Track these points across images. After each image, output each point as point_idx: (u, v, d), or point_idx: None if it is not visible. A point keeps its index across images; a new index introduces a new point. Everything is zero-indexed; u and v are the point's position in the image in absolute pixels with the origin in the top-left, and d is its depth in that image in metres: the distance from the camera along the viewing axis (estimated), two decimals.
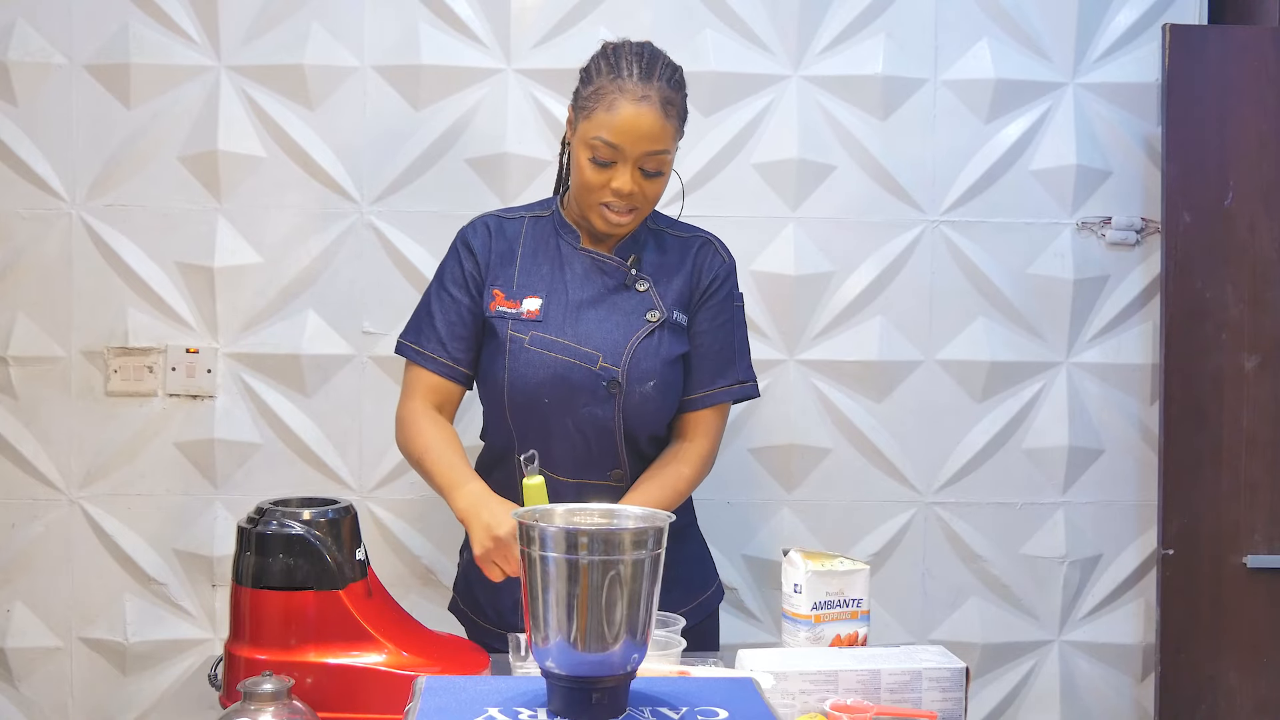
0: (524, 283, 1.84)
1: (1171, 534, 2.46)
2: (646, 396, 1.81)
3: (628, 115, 1.72)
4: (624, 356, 1.79)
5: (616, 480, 1.85)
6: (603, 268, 1.85)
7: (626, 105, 1.72)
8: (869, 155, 2.51)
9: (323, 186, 2.46)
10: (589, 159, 1.75)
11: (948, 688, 1.45)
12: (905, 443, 2.55)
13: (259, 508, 1.46)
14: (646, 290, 1.84)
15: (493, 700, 1.22)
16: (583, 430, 1.81)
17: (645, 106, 1.73)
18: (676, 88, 1.78)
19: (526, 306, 1.82)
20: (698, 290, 1.88)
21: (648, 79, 1.74)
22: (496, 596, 1.86)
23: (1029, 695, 2.60)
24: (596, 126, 1.74)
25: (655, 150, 1.74)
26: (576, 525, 1.26)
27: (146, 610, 2.48)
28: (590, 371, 1.79)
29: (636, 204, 1.78)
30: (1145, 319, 2.57)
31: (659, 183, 1.79)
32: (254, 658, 1.39)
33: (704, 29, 2.49)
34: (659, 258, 1.88)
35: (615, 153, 1.74)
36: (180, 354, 2.45)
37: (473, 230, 1.90)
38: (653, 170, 1.76)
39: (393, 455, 2.48)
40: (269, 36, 2.44)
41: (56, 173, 2.44)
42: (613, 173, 1.75)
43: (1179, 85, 2.46)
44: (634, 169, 1.75)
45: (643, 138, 1.73)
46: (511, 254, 1.87)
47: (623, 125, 1.72)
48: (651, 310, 1.83)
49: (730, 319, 1.91)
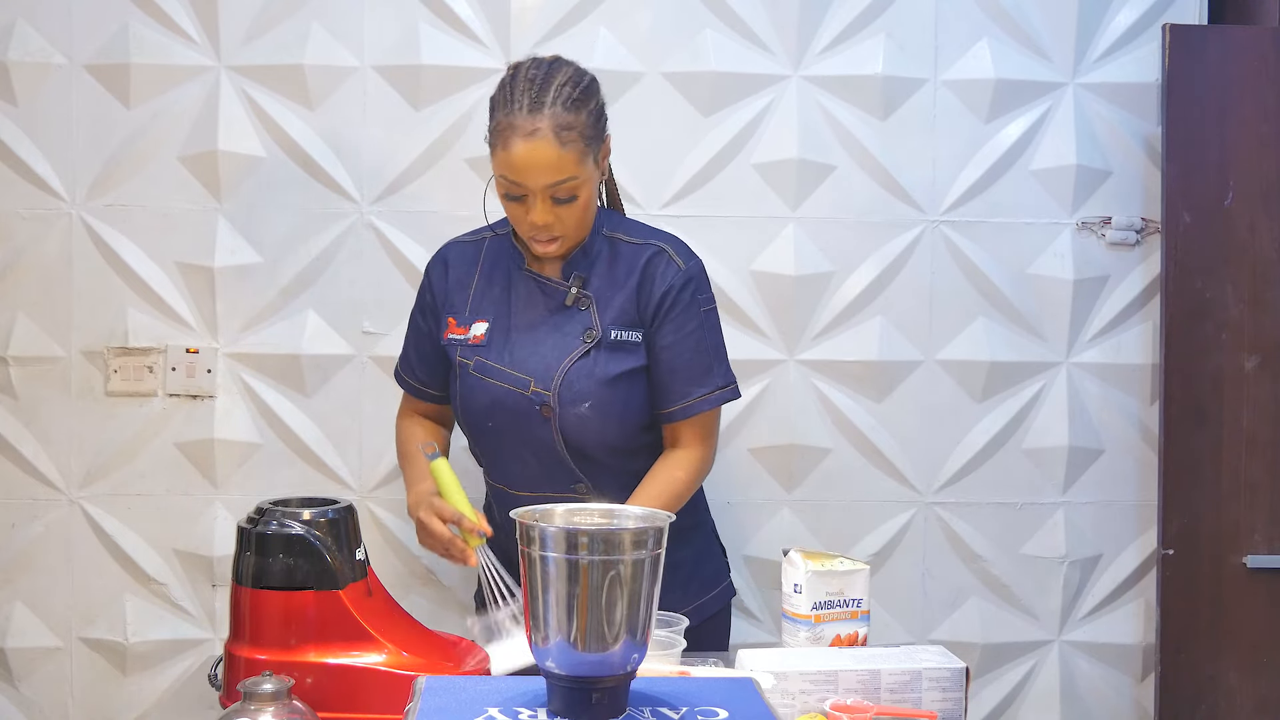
0: (476, 306, 1.89)
1: (1171, 534, 2.46)
2: (583, 418, 1.81)
3: (521, 153, 1.70)
4: (555, 380, 1.81)
5: (582, 493, 1.86)
6: (544, 289, 1.86)
7: (518, 142, 1.70)
8: (869, 155, 2.51)
9: (323, 186, 2.46)
10: (503, 195, 1.77)
11: (948, 688, 1.45)
12: (905, 443, 2.55)
13: (259, 508, 1.46)
14: (587, 309, 1.83)
15: (493, 700, 1.22)
16: (531, 451, 1.86)
17: (537, 139, 1.69)
18: (575, 108, 1.73)
19: (474, 331, 1.87)
20: (650, 303, 1.84)
21: (537, 109, 1.70)
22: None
23: (1029, 695, 2.60)
24: (500, 165, 1.74)
25: (558, 180, 1.71)
26: (576, 525, 1.26)
27: (146, 610, 2.48)
28: (523, 396, 1.82)
29: (557, 233, 1.77)
30: (1145, 319, 2.57)
31: (575, 208, 1.76)
32: (254, 658, 1.39)
33: (704, 29, 2.49)
34: (609, 270, 1.86)
35: (520, 188, 1.73)
36: (180, 354, 2.45)
37: (434, 263, 1.98)
38: (564, 197, 1.74)
39: (393, 455, 2.47)
40: (269, 36, 2.44)
41: (56, 173, 2.44)
42: (526, 205, 1.74)
43: (1179, 85, 2.46)
44: (544, 200, 1.73)
45: (541, 171, 1.70)
46: (468, 279, 1.91)
47: (518, 163, 1.70)
48: (589, 330, 1.82)
49: (699, 326, 1.87)
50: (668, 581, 1.81)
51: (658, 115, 2.48)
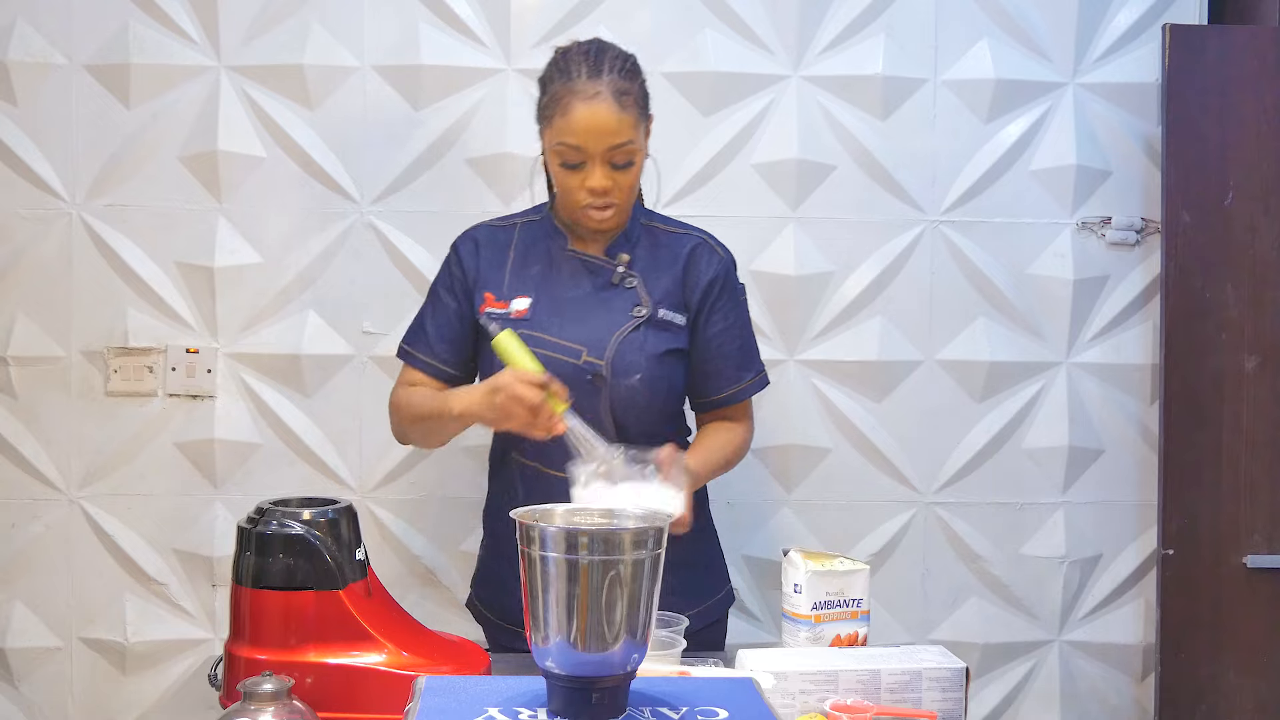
0: (514, 285, 1.88)
1: (1171, 534, 2.46)
2: (633, 389, 1.83)
3: (583, 115, 1.75)
4: (608, 350, 1.82)
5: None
6: (590, 268, 1.88)
7: (580, 105, 1.75)
8: (869, 155, 2.51)
9: (323, 186, 2.46)
10: (559, 165, 1.80)
11: (948, 688, 1.45)
12: (905, 443, 2.55)
13: (259, 508, 1.46)
14: (634, 287, 1.87)
15: (493, 700, 1.22)
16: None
17: (598, 103, 1.75)
18: (629, 76, 1.80)
19: (515, 306, 1.86)
20: (697, 290, 1.90)
21: (596, 75, 1.77)
22: (514, 597, 1.85)
23: (1029, 695, 2.60)
24: (558, 132, 1.77)
25: (618, 143, 1.77)
26: (576, 525, 1.26)
27: (146, 610, 2.48)
28: (575, 365, 1.81)
29: (614, 199, 1.81)
30: (1145, 319, 2.58)
31: (631, 173, 1.82)
32: (254, 658, 1.39)
33: (704, 29, 2.49)
34: (651, 254, 1.91)
35: (580, 154, 1.77)
36: (180, 354, 2.45)
37: (463, 240, 1.95)
38: (622, 162, 1.79)
39: (393, 455, 2.48)
40: (269, 36, 2.44)
41: (56, 173, 2.44)
42: (584, 173, 1.78)
43: (1179, 85, 2.46)
44: (603, 165, 1.78)
45: (602, 134, 1.75)
46: (502, 259, 1.91)
47: (580, 126, 1.75)
48: (638, 306, 1.86)
49: (740, 315, 1.96)
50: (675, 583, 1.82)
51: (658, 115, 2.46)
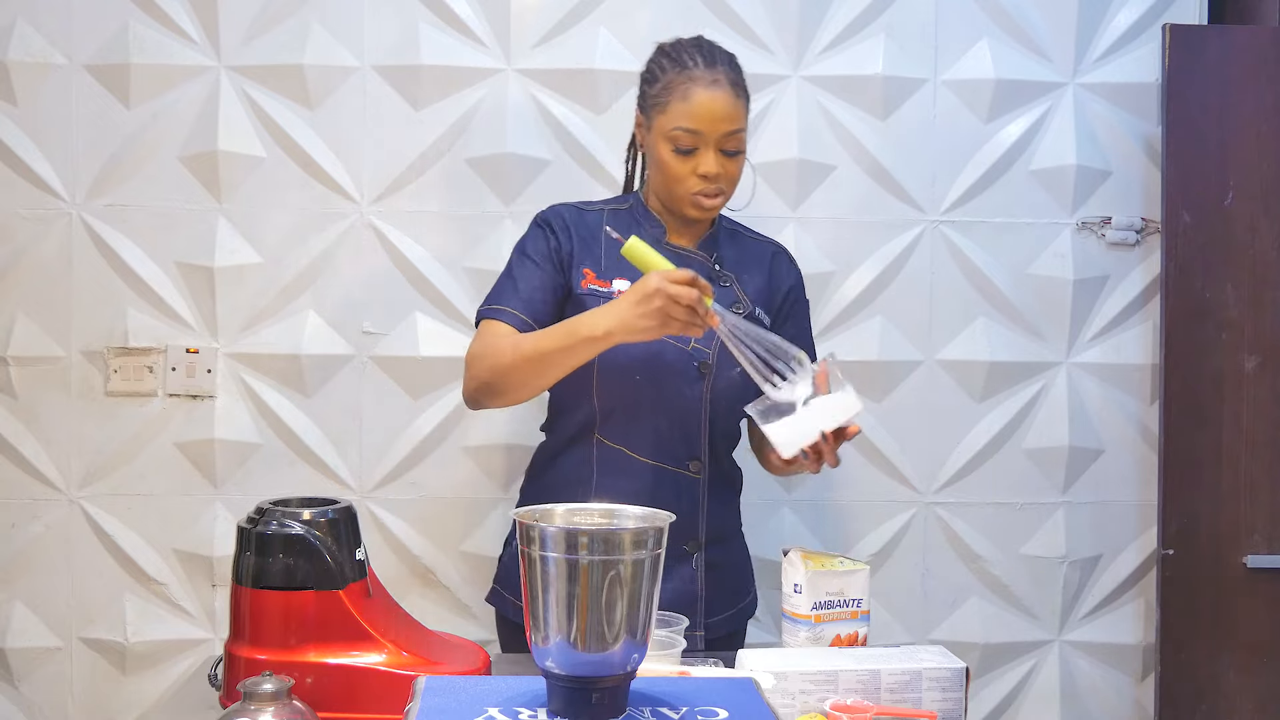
0: (611, 266, 1.87)
1: (1171, 534, 2.46)
2: (733, 382, 1.85)
3: (703, 100, 1.80)
4: (715, 339, 1.82)
5: (694, 472, 1.87)
6: (689, 262, 1.88)
7: (700, 91, 1.80)
8: (869, 155, 2.51)
9: (323, 186, 2.46)
10: (671, 151, 1.82)
11: (948, 688, 1.45)
12: (905, 443, 2.55)
13: (259, 508, 1.46)
14: (730, 285, 1.90)
15: (493, 700, 1.22)
16: (669, 412, 1.84)
17: (717, 90, 1.80)
18: (738, 70, 1.87)
19: (618, 287, 1.85)
20: (779, 295, 1.96)
21: (712, 65, 1.83)
22: None
23: (1029, 695, 2.60)
24: (675, 118, 1.81)
25: (733, 129, 1.81)
26: (576, 525, 1.26)
27: (146, 610, 2.48)
28: (683, 351, 1.83)
29: (723, 185, 1.84)
30: (1145, 319, 2.58)
31: (739, 161, 1.85)
32: (254, 658, 1.39)
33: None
34: (738, 255, 1.94)
35: (697, 138, 1.80)
36: (180, 354, 2.45)
37: (554, 213, 1.93)
38: (733, 150, 1.83)
39: (392, 455, 2.48)
40: (269, 36, 2.44)
41: (56, 173, 2.44)
42: (696, 159, 1.81)
43: (1179, 85, 2.46)
44: (716, 151, 1.81)
45: (720, 119, 1.80)
46: (595, 239, 1.90)
47: (700, 111, 1.79)
48: (736, 303, 1.88)
49: (808, 326, 2.03)
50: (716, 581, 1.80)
51: None
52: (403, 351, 2.45)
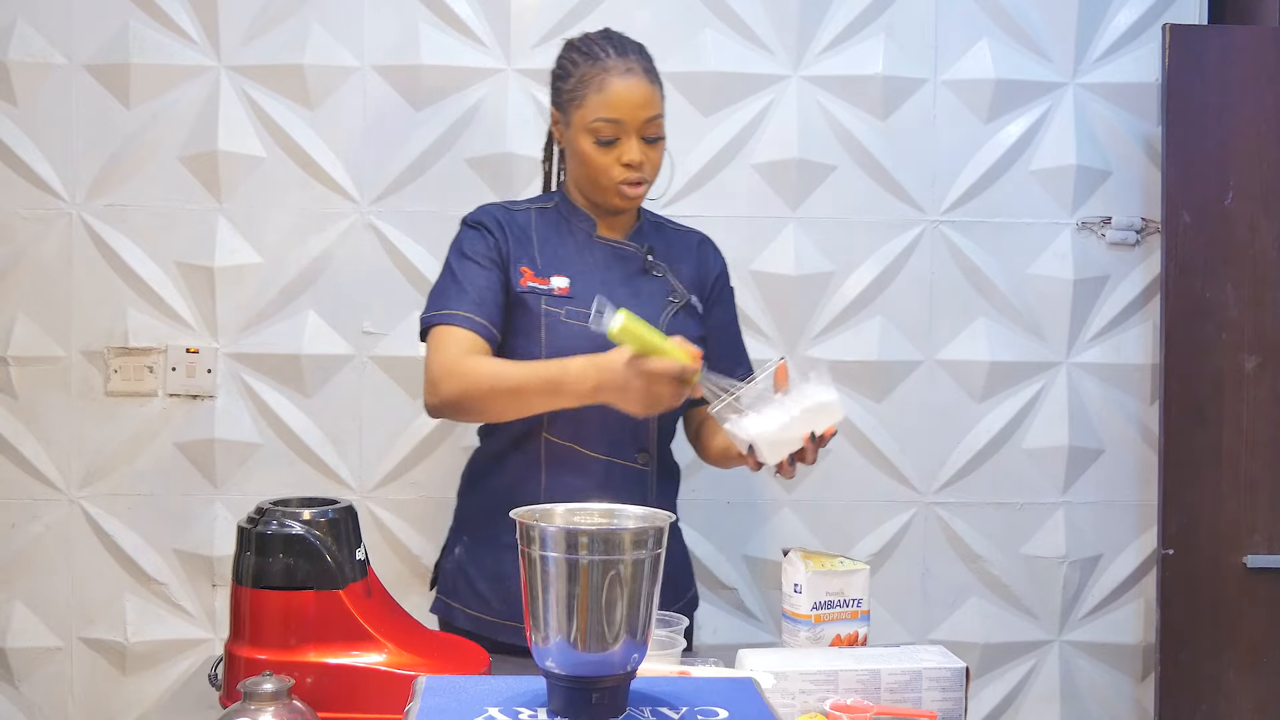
0: (547, 264, 1.86)
1: (1171, 534, 2.46)
2: None
3: (620, 89, 1.80)
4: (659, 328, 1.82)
5: (642, 464, 1.87)
6: (620, 254, 1.90)
7: (616, 80, 1.81)
8: (869, 155, 2.51)
9: (323, 186, 2.46)
10: (593, 143, 1.82)
11: (948, 688, 1.45)
12: (905, 443, 2.55)
13: (259, 508, 1.46)
14: (664, 276, 1.90)
15: (493, 700, 1.22)
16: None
17: (633, 78, 1.82)
18: (649, 59, 1.88)
19: (555, 284, 1.85)
20: (707, 283, 1.97)
21: (624, 54, 1.85)
22: (503, 587, 1.84)
23: (1029, 695, 2.60)
24: (594, 110, 1.81)
25: (652, 115, 1.83)
26: (576, 525, 1.26)
27: (146, 610, 2.48)
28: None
29: (645, 174, 1.85)
30: (1145, 319, 2.58)
31: (660, 149, 1.86)
32: (254, 658, 1.39)
33: (704, 29, 2.49)
34: (666, 246, 1.95)
35: (618, 128, 1.81)
36: (180, 354, 2.45)
37: (484, 213, 1.91)
38: (653, 136, 1.84)
39: (393, 455, 2.48)
40: (269, 36, 2.44)
41: (56, 173, 2.44)
42: (619, 149, 1.82)
43: (1179, 85, 2.46)
44: (637, 139, 1.82)
45: (639, 105, 1.81)
46: (527, 238, 1.89)
47: (618, 100, 1.80)
48: (672, 293, 1.89)
49: (734, 312, 2.04)
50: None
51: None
52: (403, 351, 2.45)
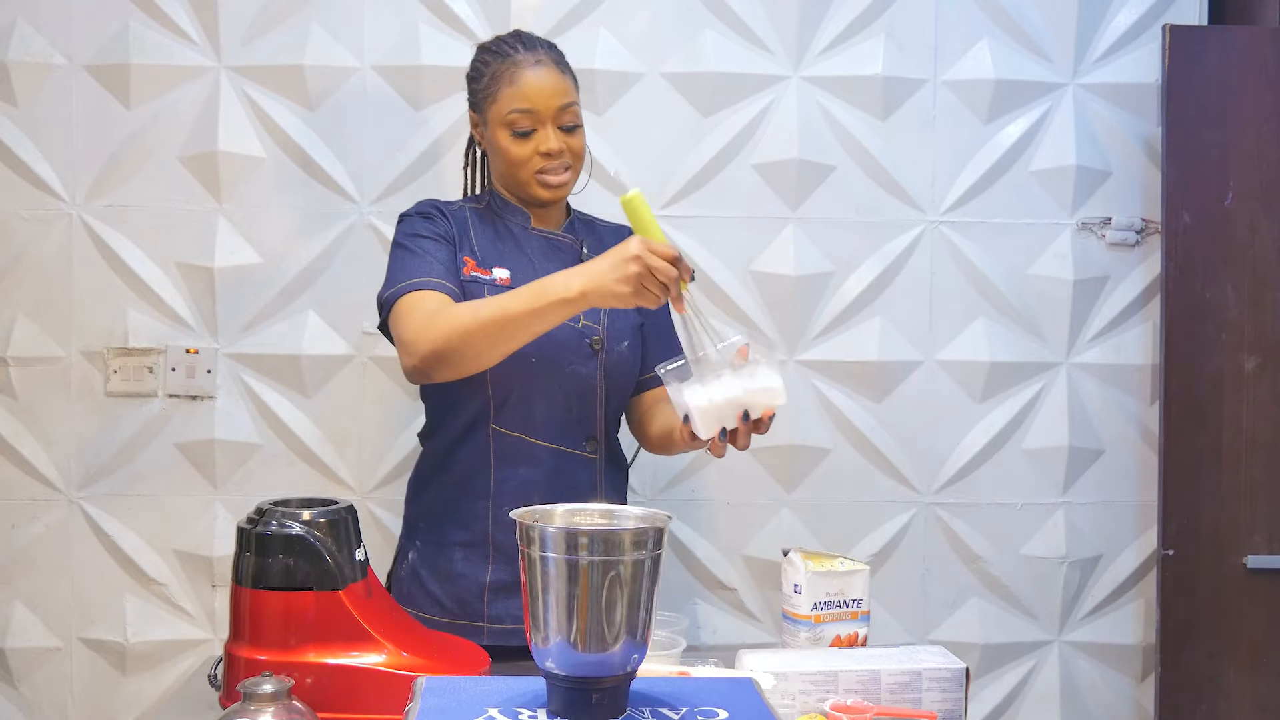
0: (486, 256, 1.88)
1: (1171, 534, 2.46)
2: (623, 357, 1.88)
3: (530, 80, 1.83)
4: (602, 315, 1.87)
5: (591, 452, 1.87)
6: (556, 245, 1.92)
7: (527, 72, 1.84)
8: (869, 155, 2.51)
9: (323, 186, 2.46)
10: (510, 136, 1.84)
11: (948, 688, 1.45)
12: (905, 443, 2.55)
13: (259, 508, 1.46)
14: None
15: (493, 700, 1.22)
16: (566, 390, 1.84)
17: (542, 69, 1.85)
18: (559, 53, 1.91)
19: (497, 274, 1.86)
20: None
21: (533, 48, 1.87)
22: (456, 586, 1.85)
23: (1029, 695, 2.60)
24: (507, 102, 1.83)
25: (566, 103, 1.85)
26: (576, 526, 1.26)
27: (146, 610, 2.48)
28: (574, 329, 1.83)
29: (567, 160, 1.86)
30: (1145, 319, 2.58)
31: (579, 136, 1.88)
32: (254, 658, 1.39)
33: (704, 29, 2.49)
34: (597, 240, 1.96)
35: (532, 118, 1.83)
36: (180, 354, 2.45)
37: (427, 204, 1.93)
38: (570, 124, 1.86)
39: (393, 455, 2.48)
40: (269, 37, 2.44)
41: (56, 173, 2.44)
42: (535, 139, 1.84)
43: (1179, 85, 2.46)
44: (554, 127, 1.84)
45: (551, 94, 1.83)
46: (466, 230, 1.91)
47: (529, 90, 1.83)
48: None
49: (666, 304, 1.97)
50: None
51: (658, 115, 2.48)
52: None
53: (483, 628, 1.81)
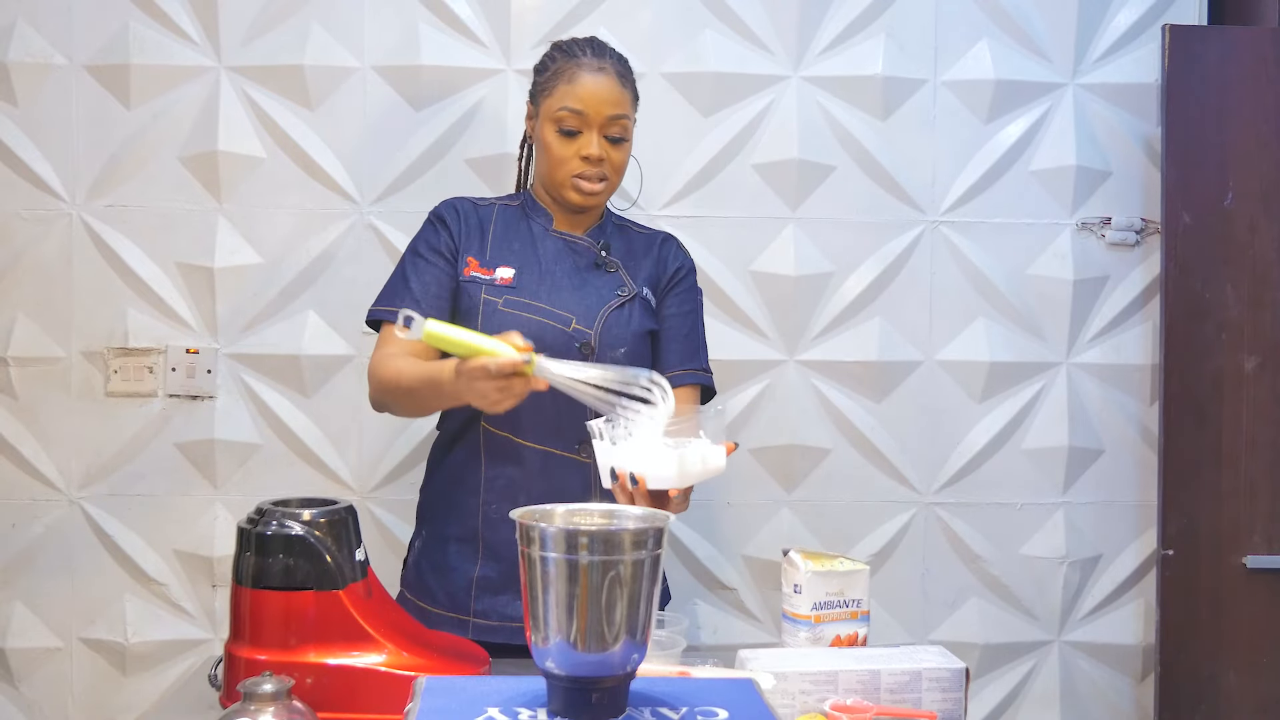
0: (496, 255, 1.90)
1: (1171, 534, 2.46)
2: (618, 362, 1.86)
3: (588, 83, 1.86)
4: (597, 320, 1.86)
5: (583, 455, 1.86)
6: (574, 248, 1.93)
7: (586, 74, 1.87)
8: (869, 155, 2.51)
9: (323, 186, 2.46)
10: (556, 132, 1.87)
11: (948, 688, 1.45)
12: (905, 443, 2.55)
13: (259, 508, 1.46)
14: (616, 271, 1.93)
15: (493, 700, 1.22)
16: (552, 393, 1.79)
17: (602, 76, 1.87)
18: (627, 67, 1.93)
19: (500, 274, 1.88)
20: (664, 276, 1.98)
21: (600, 55, 1.90)
22: (447, 579, 1.88)
23: (1029, 695, 2.60)
24: (560, 99, 1.86)
25: (616, 114, 1.87)
26: (576, 525, 1.26)
27: (146, 610, 2.48)
28: (564, 333, 1.84)
29: (605, 172, 1.88)
30: (1145, 319, 2.58)
31: (623, 149, 1.90)
32: (254, 658, 1.39)
33: (704, 29, 2.49)
34: (626, 246, 1.98)
35: (581, 120, 1.85)
36: (180, 354, 2.45)
37: (445, 206, 1.97)
38: (616, 136, 1.88)
39: (393, 455, 2.48)
40: (269, 37, 2.44)
41: (56, 173, 2.44)
42: (580, 142, 1.86)
43: (1179, 85, 2.46)
44: (599, 135, 1.86)
45: (604, 102, 1.86)
46: (483, 231, 1.93)
47: (584, 92, 1.85)
48: (621, 287, 1.91)
49: (694, 309, 2.01)
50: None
51: (658, 115, 2.48)
52: None
53: (469, 622, 1.84)
